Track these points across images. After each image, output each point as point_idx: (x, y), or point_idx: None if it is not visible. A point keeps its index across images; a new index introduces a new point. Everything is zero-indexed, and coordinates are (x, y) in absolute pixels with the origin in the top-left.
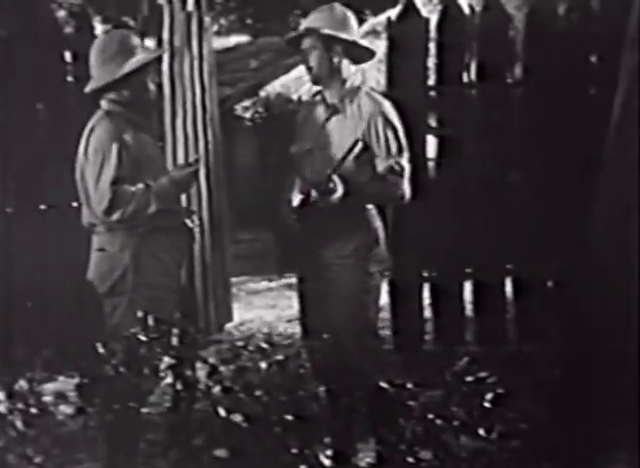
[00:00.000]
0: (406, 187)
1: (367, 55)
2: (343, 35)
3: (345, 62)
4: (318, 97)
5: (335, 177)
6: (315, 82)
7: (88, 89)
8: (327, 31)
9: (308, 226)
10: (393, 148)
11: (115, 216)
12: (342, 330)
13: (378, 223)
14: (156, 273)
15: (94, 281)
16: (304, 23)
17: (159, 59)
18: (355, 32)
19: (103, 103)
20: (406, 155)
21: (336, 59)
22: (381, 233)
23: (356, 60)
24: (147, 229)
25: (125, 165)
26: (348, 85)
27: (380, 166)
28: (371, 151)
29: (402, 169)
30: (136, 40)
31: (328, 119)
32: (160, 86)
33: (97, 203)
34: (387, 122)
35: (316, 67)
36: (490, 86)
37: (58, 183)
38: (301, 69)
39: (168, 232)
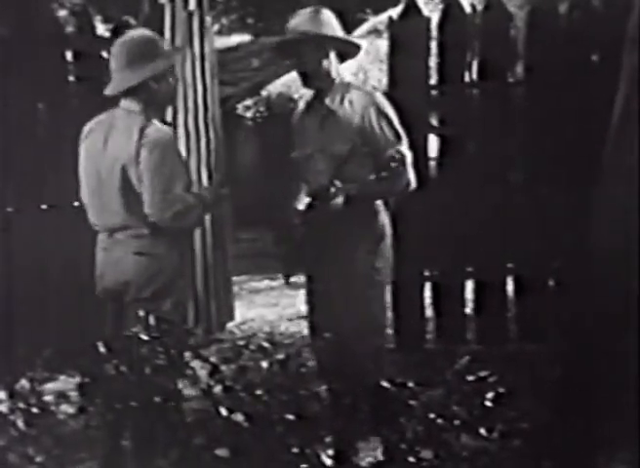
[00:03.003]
0: (410, 175)
1: (354, 50)
2: (332, 35)
3: (334, 61)
4: (312, 100)
5: (337, 183)
6: (308, 85)
7: (109, 91)
8: (317, 33)
9: (316, 225)
10: (390, 137)
11: (176, 222)
12: (350, 326)
13: (385, 219)
14: (185, 275)
15: (132, 286)
16: (292, 28)
17: None
18: (339, 30)
19: (133, 105)
20: (404, 142)
21: (326, 60)
22: (388, 229)
23: (344, 57)
24: (179, 232)
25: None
26: (339, 82)
27: (381, 157)
28: (370, 144)
29: (403, 156)
30: (159, 43)
31: (323, 120)
32: None
33: (156, 205)
34: (380, 112)
35: (309, 70)
36: (491, 85)
37: (58, 183)
38: None
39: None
